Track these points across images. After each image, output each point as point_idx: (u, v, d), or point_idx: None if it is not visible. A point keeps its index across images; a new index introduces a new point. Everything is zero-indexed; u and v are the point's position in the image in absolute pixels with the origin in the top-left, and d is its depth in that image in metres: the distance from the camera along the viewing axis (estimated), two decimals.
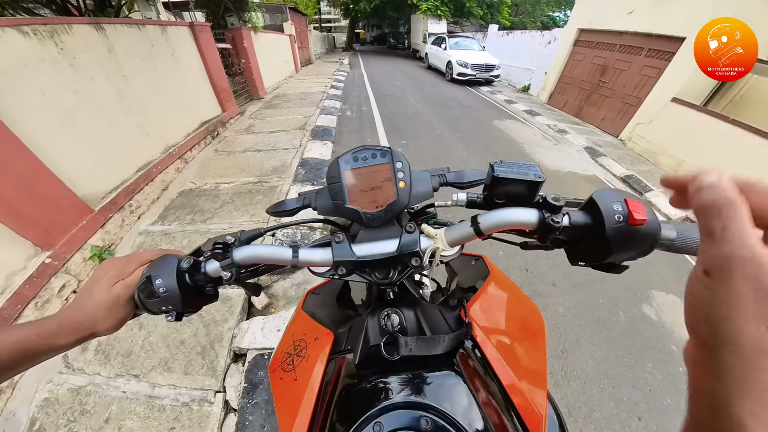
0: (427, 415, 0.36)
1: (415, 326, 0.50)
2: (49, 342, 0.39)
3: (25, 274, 1.89)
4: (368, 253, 0.46)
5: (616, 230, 0.35)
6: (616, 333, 2.13)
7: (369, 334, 0.48)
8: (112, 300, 0.42)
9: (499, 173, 0.42)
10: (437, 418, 0.36)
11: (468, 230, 0.44)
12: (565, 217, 0.39)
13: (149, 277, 0.42)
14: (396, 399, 0.38)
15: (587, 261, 0.41)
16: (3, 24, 1.95)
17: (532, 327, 0.52)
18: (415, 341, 0.44)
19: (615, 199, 0.36)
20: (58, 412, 1.49)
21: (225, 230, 2.60)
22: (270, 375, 0.55)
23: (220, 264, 0.44)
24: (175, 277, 0.42)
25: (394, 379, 0.41)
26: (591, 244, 0.38)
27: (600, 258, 0.38)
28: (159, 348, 1.74)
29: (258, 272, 0.52)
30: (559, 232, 0.39)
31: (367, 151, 0.47)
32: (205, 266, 0.45)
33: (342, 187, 0.46)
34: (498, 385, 0.42)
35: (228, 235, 0.47)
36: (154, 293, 0.41)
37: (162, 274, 0.42)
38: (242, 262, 0.45)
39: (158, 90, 3.45)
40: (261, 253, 0.46)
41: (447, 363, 0.44)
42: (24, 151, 1.95)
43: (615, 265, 0.39)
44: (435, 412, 0.36)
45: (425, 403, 0.37)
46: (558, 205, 0.39)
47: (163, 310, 0.43)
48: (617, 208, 0.35)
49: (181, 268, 0.43)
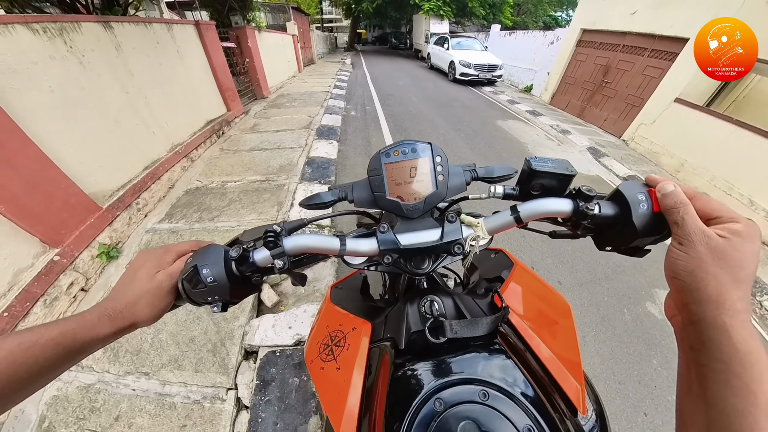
0: (483, 388, 0.38)
1: (454, 311, 0.52)
2: (90, 334, 0.38)
3: (34, 272, 1.90)
4: (413, 242, 0.47)
5: (641, 217, 0.39)
6: (621, 330, 2.14)
7: (410, 321, 0.50)
8: (155, 289, 0.42)
9: (536, 167, 0.45)
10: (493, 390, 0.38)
11: (508, 218, 0.47)
12: (596, 205, 0.42)
13: (195, 266, 0.42)
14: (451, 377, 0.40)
15: (614, 246, 0.45)
16: (14, 21, 1.95)
17: (561, 312, 0.54)
18: (459, 324, 0.45)
19: (639, 189, 0.40)
20: (68, 410, 1.50)
21: (234, 228, 2.61)
22: (308, 366, 0.56)
23: (271, 253, 0.45)
24: (223, 266, 0.42)
25: (444, 359, 0.43)
26: (618, 230, 0.42)
27: (626, 242, 0.42)
28: (169, 346, 1.75)
29: (303, 262, 0.53)
30: (591, 219, 0.42)
31: (407, 145, 0.49)
32: (253, 255, 0.46)
33: (383, 179, 0.48)
34: (537, 362, 0.44)
35: (274, 224, 0.48)
36: (200, 282, 0.41)
37: (209, 264, 0.42)
38: (292, 251, 0.46)
39: (164, 88, 3.46)
40: (311, 242, 0.47)
41: (489, 344, 0.45)
42: (33, 148, 1.96)
43: (639, 248, 0.43)
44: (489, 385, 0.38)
45: (479, 378, 0.39)
46: (591, 195, 0.43)
47: (209, 301, 0.43)
48: (641, 198, 0.39)
49: (230, 256, 0.43)
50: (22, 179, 1.86)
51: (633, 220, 0.39)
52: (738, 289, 0.29)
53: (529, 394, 0.38)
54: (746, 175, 3.93)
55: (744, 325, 0.28)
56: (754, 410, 0.25)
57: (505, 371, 0.41)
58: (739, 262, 0.30)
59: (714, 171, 4.34)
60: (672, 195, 0.36)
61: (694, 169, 4.62)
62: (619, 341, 2.06)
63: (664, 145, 5.22)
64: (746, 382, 0.26)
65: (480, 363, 0.42)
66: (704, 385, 0.29)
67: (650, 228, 0.39)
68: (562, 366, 0.43)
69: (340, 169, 3.92)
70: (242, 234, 0.51)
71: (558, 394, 0.41)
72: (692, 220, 0.33)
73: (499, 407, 0.37)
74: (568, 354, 0.46)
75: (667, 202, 0.36)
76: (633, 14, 6.01)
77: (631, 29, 6.07)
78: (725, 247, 0.31)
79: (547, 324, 0.52)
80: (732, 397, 0.26)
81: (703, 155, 4.56)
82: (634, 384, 1.81)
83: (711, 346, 0.29)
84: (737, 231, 0.31)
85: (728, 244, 0.31)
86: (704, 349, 0.29)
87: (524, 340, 0.46)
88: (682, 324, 0.33)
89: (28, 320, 1.78)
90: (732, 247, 0.31)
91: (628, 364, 1.92)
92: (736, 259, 0.30)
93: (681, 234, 0.34)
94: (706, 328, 0.29)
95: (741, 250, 0.30)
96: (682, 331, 0.33)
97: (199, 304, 0.44)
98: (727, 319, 0.28)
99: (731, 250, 0.30)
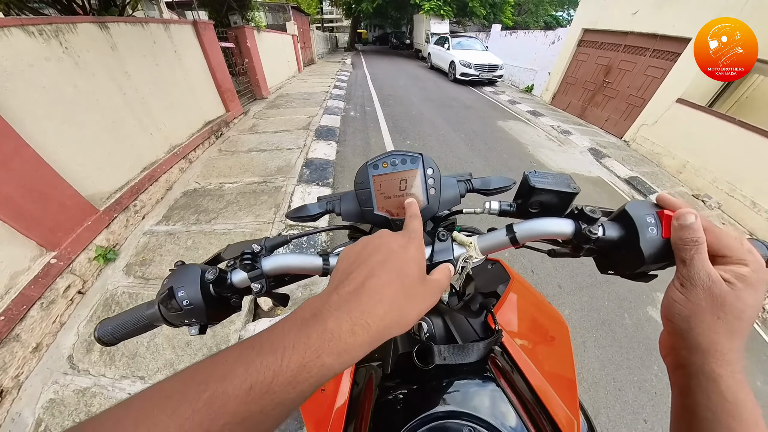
0: (468, 424, 0.36)
1: (444, 333, 0.49)
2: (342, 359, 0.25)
3: (30, 275, 1.89)
4: None
5: (649, 242, 0.35)
6: (622, 335, 2.12)
7: (398, 343, 0.48)
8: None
9: (535, 183, 0.42)
10: (480, 426, 0.35)
11: (503, 239, 0.44)
12: (600, 228, 0.39)
13: (171, 288, 0.40)
14: (435, 409, 0.38)
15: (617, 270, 0.41)
16: (9, 24, 1.95)
17: (557, 333, 0.52)
18: (449, 349, 0.43)
19: (648, 211, 0.37)
20: (64, 414, 1.50)
21: (230, 230, 2.60)
22: None
23: (248, 275, 0.42)
24: (199, 288, 0.40)
25: (430, 388, 0.41)
26: (623, 254, 0.39)
27: (632, 268, 0.38)
28: (164, 350, 1.74)
29: (285, 281, 0.51)
30: (594, 242, 0.39)
31: (396, 156, 0.46)
32: (231, 277, 0.43)
33: (370, 193, 0.46)
34: (530, 391, 0.42)
35: (252, 242, 0.46)
36: (176, 305, 0.40)
37: (185, 286, 0.40)
38: (271, 272, 0.44)
39: (162, 89, 3.45)
40: (292, 262, 0.44)
41: (479, 370, 0.43)
42: (29, 150, 1.94)
43: (645, 274, 0.39)
44: (475, 420, 0.36)
45: (465, 412, 0.37)
46: (595, 217, 0.39)
47: (186, 323, 0.42)
48: (650, 221, 0.36)
49: (207, 279, 0.41)
50: (17, 182, 1.85)
51: (640, 246, 0.36)
52: (732, 341, 0.28)
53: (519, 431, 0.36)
54: (749, 177, 3.91)
55: (734, 376, 0.27)
56: None
57: (495, 404, 0.39)
58: (739, 313, 0.28)
59: (716, 172, 4.31)
60: (690, 229, 0.32)
61: (696, 170, 4.59)
62: (620, 346, 2.04)
63: (666, 146, 5.20)
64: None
65: (468, 394, 0.40)
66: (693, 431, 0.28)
67: (659, 255, 0.35)
68: (556, 395, 0.41)
69: (339, 171, 3.91)
70: (224, 250, 0.49)
71: (550, 426, 0.39)
72: (702, 262, 0.30)
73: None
74: (563, 380, 0.44)
75: (682, 234, 0.32)
76: (635, 14, 5.98)
77: (633, 29, 6.04)
78: (727, 295, 0.29)
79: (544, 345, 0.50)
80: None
81: (705, 156, 4.53)
82: (634, 390, 1.80)
83: (700, 394, 0.28)
84: (743, 277, 0.29)
85: (731, 293, 0.29)
86: (693, 395, 0.29)
87: (518, 367, 0.44)
88: (673, 366, 0.33)
89: (24, 324, 1.77)
90: (735, 296, 0.29)
91: (629, 370, 1.90)
92: (737, 310, 0.28)
93: (685, 274, 0.31)
94: (696, 375, 0.29)
95: (743, 300, 0.29)
96: (674, 374, 0.32)
97: (176, 326, 0.42)
98: (717, 368, 0.27)
99: (733, 300, 0.29)
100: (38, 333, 1.80)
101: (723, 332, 0.28)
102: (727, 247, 0.31)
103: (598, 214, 0.40)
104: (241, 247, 0.46)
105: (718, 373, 0.27)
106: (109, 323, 0.43)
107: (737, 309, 0.28)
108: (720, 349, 0.28)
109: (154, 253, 2.38)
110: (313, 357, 0.22)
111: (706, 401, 0.27)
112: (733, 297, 0.29)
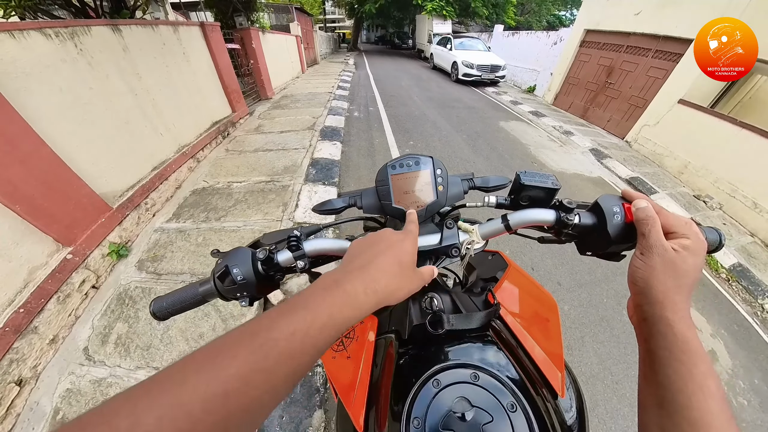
0: (474, 371, 0.44)
1: (451, 307, 0.58)
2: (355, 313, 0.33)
3: (48, 270, 1.96)
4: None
5: (615, 226, 0.45)
6: (620, 331, 2.17)
7: (412, 315, 0.56)
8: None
9: (525, 181, 0.52)
10: (482, 373, 0.43)
11: (499, 226, 0.54)
12: (576, 216, 0.49)
13: (227, 266, 0.48)
14: (447, 362, 0.46)
15: (593, 251, 0.52)
16: (29, 27, 2.02)
17: (548, 311, 0.60)
18: (456, 318, 0.51)
19: (615, 202, 0.47)
20: (81, 403, 1.55)
21: (240, 228, 2.66)
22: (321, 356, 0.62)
23: (293, 255, 0.51)
24: (251, 266, 0.48)
25: (442, 347, 0.49)
26: (596, 237, 0.49)
27: (603, 248, 0.49)
28: (178, 341, 1.80)
29: (318, 263, 0.60)
30: (571, 228, 0.49)
31: (411, 158, 0.56)
32: (277, 257, 0.52)
33: (389, 189, 0.56)
34: (524, 352, 0.50)
35: (292, 229, 0.55)
36: (231, 280, 0.48)
37: (239, 264, 0.48)
38: (311, 253, 0.53)
39: (171, 90, 3.52)
40: (327, 245, 0.54)
41: (482, 336, 0.51)
42: (46, 149, 2.01)
43: (616, 253, 0.50)
44: (480, 369, 0.44)
45: (472, 363, 0.45)
46: (570, 207, 0.50)
47: (237, 297, 0.49)
48: (616, 210, 0.46)
49: (257, 257, 0.49)
50: (36, 180, 1.92)
51: (608, 229, 0.45)
52: (680, 293, 0.37)
53: (515, 378, 0.44)
54: (750, 178, 3.93)
55: (683, 320, 0.35)
56: (691, 386, 0.31)
57: (495, 358, 0.47)
58: (684, 272, 0.37)
59: (718, 173, 4.34)
60: (644, 210, 0.42)
61: (698, 171, 4.61)
62: (617, 342, 2.09)
63: (668, 147, 5.22)
64: (686, 364, 0.33)
65: (473, 351, 0.48)
66: (655, 369, 0.35)
67: (622, 236, 0.45)
68: (546, 356, 0.49)
69: (344, 171, 3.97)
70: (263, 236, 0.58)
71: (541, 379, 0.47)
72: (656, 234, 0.40)
73: (488, 387, 0.42)
74: (552, 346, 0.52)
75: (639, 215, 0.42)
76: (637, 15, 6.00)
77: (635, 30, 6.06)
78: (676, 259, 0.38)
79: (536, 319, 0.57)
80: (675, 376, 0.33)
81: (707, 157, 4.56)
82: (631, 384, 1.85)
83: (658, 337, 0.35)
84: (687, 246, 0.38)
85: (678, 257, 0.38)
86: (653, 339, 0.36)
87: (513, 334, 0.52)
88: (638, 321, 0.40)
89: (42, 316, 1.84)
90: (681, 259, 0.38)
91: (626, 365, 1.95)
92: (682, 270, 0.37)
93: (644, 245, 0.40)
94: (654, 323, 0.36)
95: (687, 263, 0.38)
96: (638, 327, 0.40)
97: (228, 299, 0.50)
98: (670, 314, 0.35)
99: (680, 262, 0.38)
100: (55, 325, 1.87)
101: (673, 287, 0.37)
102: (675, 225, 0.40)
103: (573, 204, 0.50)
104: (277, 235, 0.56)
105: (671, 318, 0.35)
106: (164, 300, 0.51)
107: (683, 269, 0.37)
108: (672, 299, 0.36)
109: (165, 250, 2.45)
110: (337, 310, 0.31)
111: (663, 341, 0.35)
112: (680, 260, 0.38)
